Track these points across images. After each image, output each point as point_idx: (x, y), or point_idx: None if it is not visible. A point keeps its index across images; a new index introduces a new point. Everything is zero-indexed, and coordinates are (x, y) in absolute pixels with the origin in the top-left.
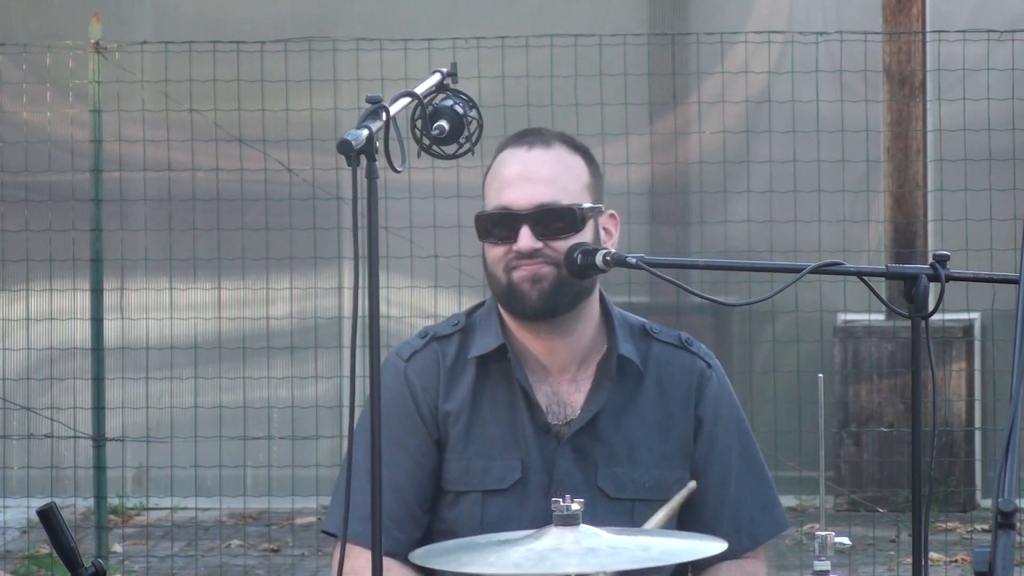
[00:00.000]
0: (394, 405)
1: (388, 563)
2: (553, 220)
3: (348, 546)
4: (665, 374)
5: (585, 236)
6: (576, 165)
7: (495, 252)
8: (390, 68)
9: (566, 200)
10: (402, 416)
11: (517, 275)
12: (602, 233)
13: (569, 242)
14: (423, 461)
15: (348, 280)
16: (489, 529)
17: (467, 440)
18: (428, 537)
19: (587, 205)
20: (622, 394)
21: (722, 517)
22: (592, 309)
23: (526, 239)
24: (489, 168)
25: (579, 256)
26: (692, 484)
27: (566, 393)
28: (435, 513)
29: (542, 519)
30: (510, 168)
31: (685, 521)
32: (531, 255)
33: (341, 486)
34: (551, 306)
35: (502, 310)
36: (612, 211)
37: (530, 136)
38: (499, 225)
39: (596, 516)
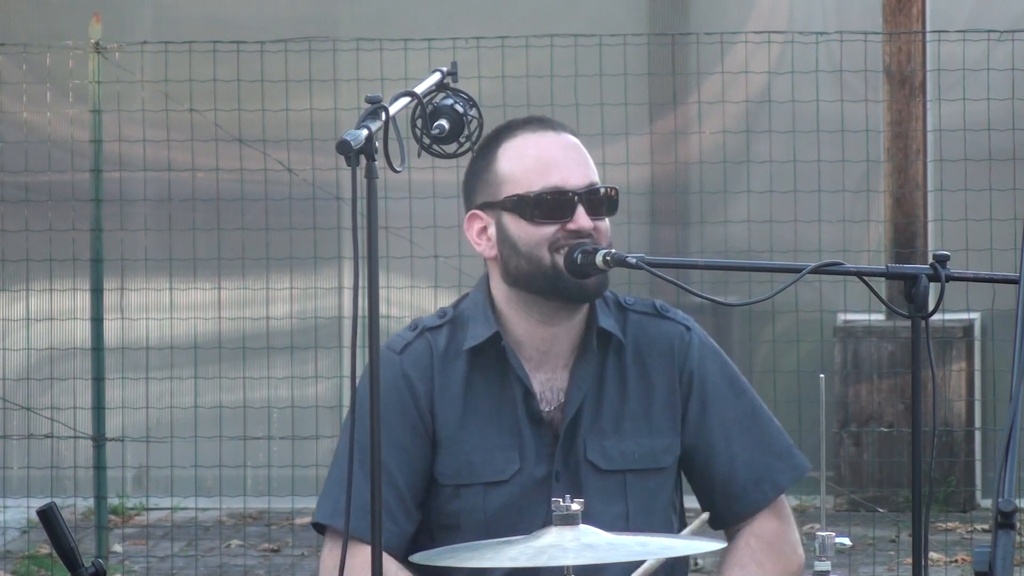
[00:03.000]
0: (389, 398)
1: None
2: (602, 200)
3: (339, 537)
4: (643, 343)
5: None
6: None
7: (541, 232)
8: (390, 68)
9: (600, 181)
10: (397, 409)
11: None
12: None
13: (607, 225)
14: (417, 454)
15: (348, 280)
16: (493, 519)
17: (463, 433)
18: (430, 531)
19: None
20: (603, 368)
21: (735, 473)
22: None
23: (584, 218)
24: (496, 151)
25: (579, 256)
26: (704, 516)
27: (558, 379)
28: (437, 507)
29: (545, 507)
30: (548, 149)
31: (700, 487)
32: (587, 234)
33: (333, 477)
34: (603, 290)
35: (512, 295)
36: None
37: (547, 121)
38: (550, 205)
39: (589, 490)
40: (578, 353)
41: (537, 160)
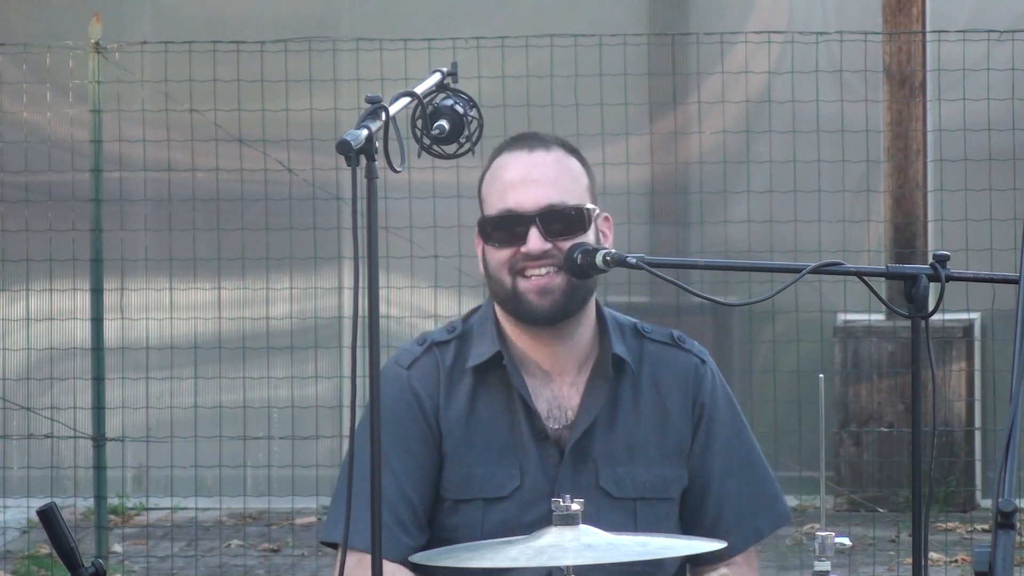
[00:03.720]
0: (399, 413)
1: (397, 569)
2: (561, 220)
3: (357, 554)
4: (660, 372)
5: (588, 237)
6: (575, 167)
7: (500, 255)
8: (390, 68)
9: (571, 201)
10: (408, 423)
11: (524, 284)
12: (600, 236)
13: (576, 242)
14: (428, 467)
15: (348, 280)
16: (490, 535)
17: (466, 448)
18: (429, 544)
19: (589, 206)
20: (618, 394)
21: (724, 512)
22: (591, 311)
23: (535, 241)
24: (485, 173)
25: (579, 256)
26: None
27: (566, 397)
28: (435, 521)
29: (544, 524)
30: (512, 171)
31: (688, 520)
32: (540, 256)
33: (341, 494)
34: (562, 314)
35: (504, 314)
36: (606, 213)
37: (529, 139)
38: (505, 228)
39: (599, 517)
40: (591, 376)
41: (501, 182)
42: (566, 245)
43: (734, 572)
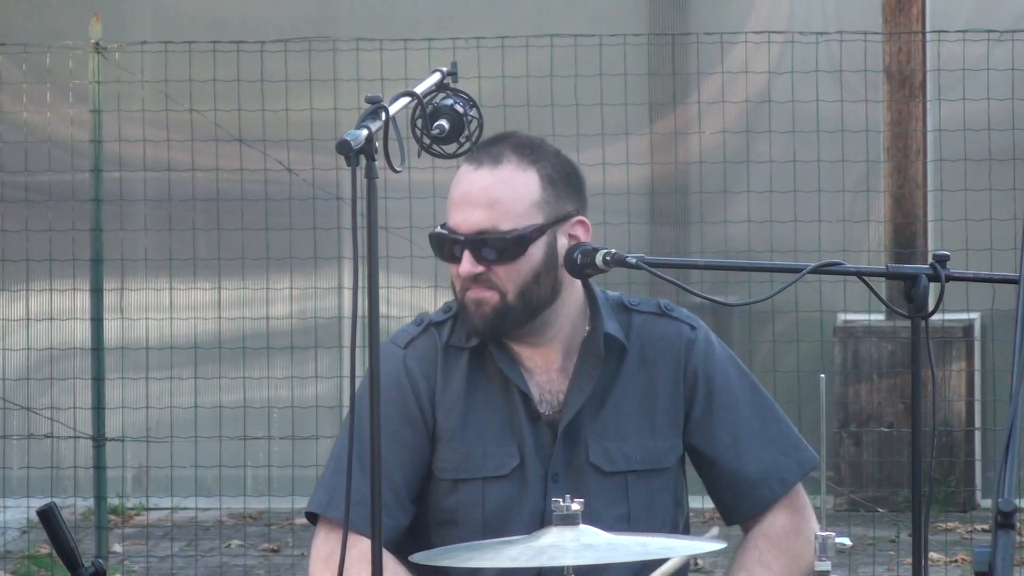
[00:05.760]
0: (389, 393)
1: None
2: (491, 247)
3: (331, 526)
4: (648, 344)
5: (534, 256)
6: (524, 183)
7: (450, 269)
8: (390, 68)
9: (507, 224)
10: (397, 404)
11: (466, 295)
12: (567, 242)
13: (512, 267)
14: (415, 449)
15: (348, 280)
16: (491, 515)
17: (464, 427)
18: (428, 527)
19: (533, 225)
20: (607, 371)
21: (743, 471)
22: (567, 307)
23: (467, 264)
24: None
25: (579, 256)
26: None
27: (556, 382)
28: (434, 503)
29: (541, 504)
30: (457, 188)
31: (710, 486)
32: (475, 279)
33: (330, 469)
34: (492, 330)
35: None
36: (581, 217)
37: (482, 152)
38: (443, 247)
39: (591, 492)
40: (580, 357)
41: (450, 197)
42: (500, 270)
43: (781, 518)
